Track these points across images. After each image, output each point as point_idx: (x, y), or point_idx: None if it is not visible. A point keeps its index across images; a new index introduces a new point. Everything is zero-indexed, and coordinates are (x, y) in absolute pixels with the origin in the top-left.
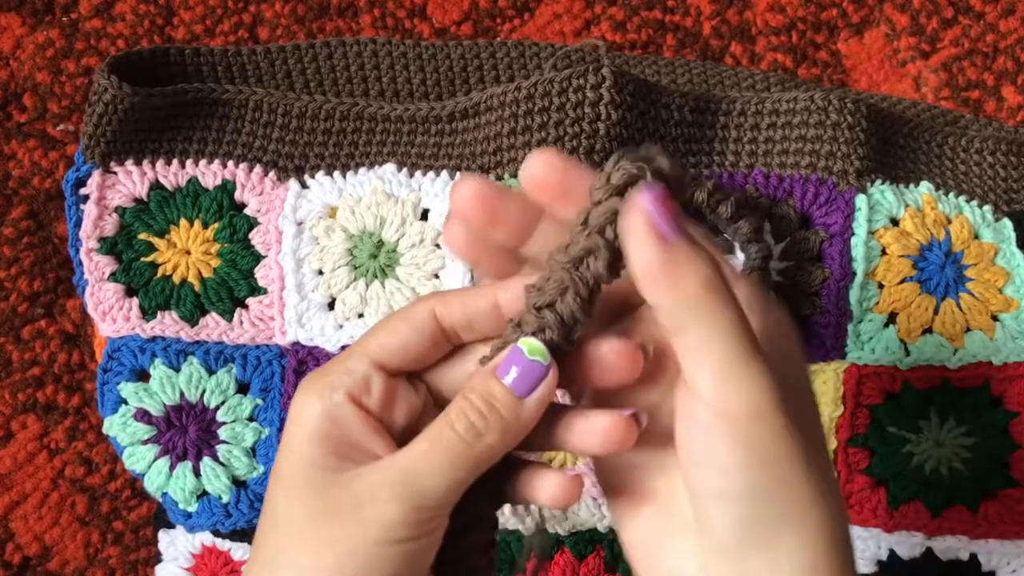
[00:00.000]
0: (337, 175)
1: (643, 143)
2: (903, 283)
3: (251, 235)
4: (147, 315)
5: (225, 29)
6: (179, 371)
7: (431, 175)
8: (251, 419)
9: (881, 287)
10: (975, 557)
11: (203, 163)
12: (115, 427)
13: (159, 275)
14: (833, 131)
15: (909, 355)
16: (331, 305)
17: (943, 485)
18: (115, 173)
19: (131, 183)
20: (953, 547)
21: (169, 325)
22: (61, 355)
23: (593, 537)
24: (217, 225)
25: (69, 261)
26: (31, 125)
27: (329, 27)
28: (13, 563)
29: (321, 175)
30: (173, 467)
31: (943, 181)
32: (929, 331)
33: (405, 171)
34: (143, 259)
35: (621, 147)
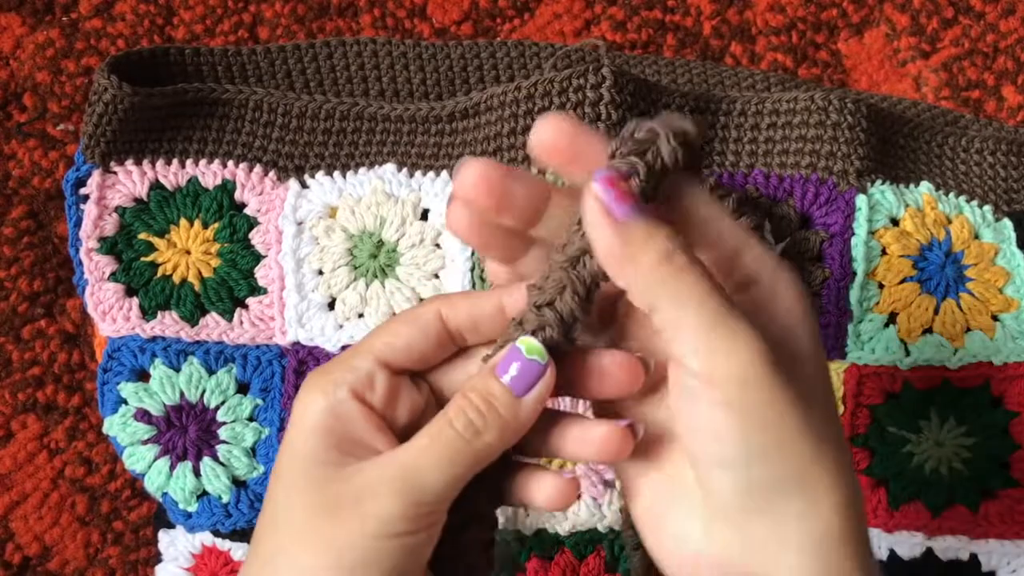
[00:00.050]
0: (337, 175)
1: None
2: (903, 283)
3: (251, 235)
4: (147, 315)
5: (225, 29)
6: (179, 371)
7: (431, 175)
8: (251, 419)
9: (881, 287)
10: (975, 557)
11: (203, 163)
12: (115, 427)
13: (159, 275)
14: (833, 131)
15: (909, 355)
16: (331, 305)
17: (943, 485)
18: (115, 173)
19: (131, 183)
20: (953, 547)
21: (169, 325)
22: (61, 355)
23: (593, 537)
24: (217, 225)
25: (69, 261)
26: (31, 125)
27: (329, 27)
28: (13, 563)
29: (321, 175)
30: (173, 467)
31: (943, 181)
32: (929, 331)
33: (405, 171)
34: (143, 259)
35: None
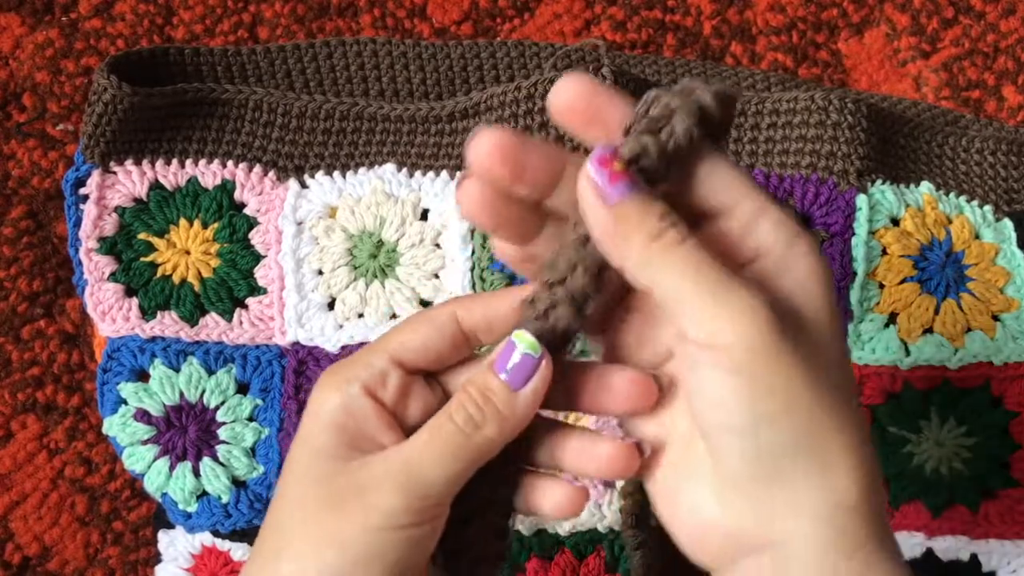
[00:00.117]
0: (337, 175)
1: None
2: (904, 283)
3: (251, 235)
4: (147, 315)
5: (225, 29)
6: (179, 371)
7: (431, 175)
8: (251, 419)
9: (882, 287)
10: (975, 557)
11: (203, 163)
12: (115, 427)
13: (159, 275)
14: (833, 131)
15: (909, 355)
16: (331, 305)
17: (943, 485)
18: (115, 173)
19: (131, 183)
20: (953, 547)
21: (169, 325)
22: (61, 355)
23: (593, 537)
24: (217, 225)
25: (69, 261)
26: (31, 125)
27: (329, 27)
28: (13, 563)
29: (321, 175)
30: (173, 467)
31: (943, 181)
32: (929, 331)
33: (405, 171)
34: (143, 259)
35: None
